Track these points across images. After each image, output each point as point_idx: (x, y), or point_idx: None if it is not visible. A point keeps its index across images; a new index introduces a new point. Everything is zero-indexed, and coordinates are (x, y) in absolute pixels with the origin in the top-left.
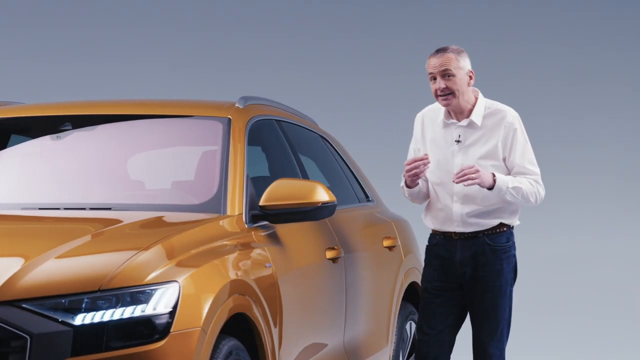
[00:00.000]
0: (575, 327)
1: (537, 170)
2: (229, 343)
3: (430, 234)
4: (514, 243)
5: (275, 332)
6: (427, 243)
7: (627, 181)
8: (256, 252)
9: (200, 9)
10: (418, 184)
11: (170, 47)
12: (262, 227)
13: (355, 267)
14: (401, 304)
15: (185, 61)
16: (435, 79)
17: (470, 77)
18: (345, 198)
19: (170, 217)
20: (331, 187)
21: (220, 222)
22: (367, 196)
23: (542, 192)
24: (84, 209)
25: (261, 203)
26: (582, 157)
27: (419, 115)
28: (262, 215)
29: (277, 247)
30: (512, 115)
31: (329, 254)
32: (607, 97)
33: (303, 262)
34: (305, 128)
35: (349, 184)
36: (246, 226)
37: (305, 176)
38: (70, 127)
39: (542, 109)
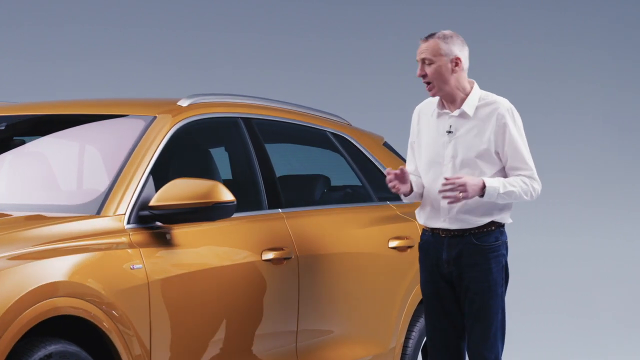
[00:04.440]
0: (547, 326)
1: (531, 164)
2: (51, 347)
3: (422, 231)
4: (504, 242)
5: (138, 336)
6: (419, 240)
7: (594, 180)
8: (121, 254)
9: (209, 9)
10: (410, 191)
11: (170, 46)
12: (151, 227)
13: (322, 268)
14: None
15: (195, 62)
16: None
17: (457, 64)
18: (347, 197)
19: (34, 216)
20: (324, 184)
21: (84, 222)
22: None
23: (538, 187)
24: None
25: (151, 203)
26: (552, 155)
27: (416, 109)
28: (152, 216)
29: (161, 249)
30: (504, 107)
31: (268, 255)
32: (576, 96)
33: (208, 265)
34: (303, 126)
35: (363, 182)
36: (125, 227)
37: (269, 176)
38: (4, 127)
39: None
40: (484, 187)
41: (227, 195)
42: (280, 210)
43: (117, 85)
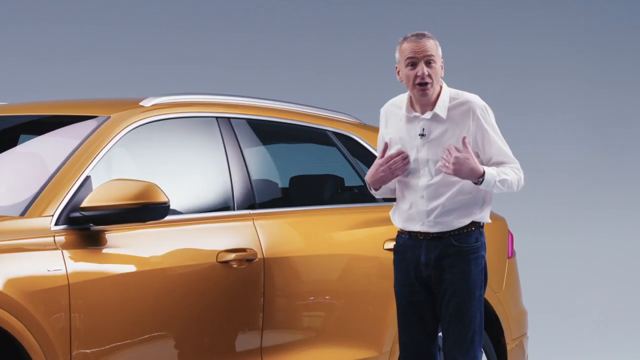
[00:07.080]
0: (547, 326)
1: (514, 157)
2: None
3: (397, 234)
4: (483, 243)
5: (53, 340)
6: (394, 243)
7: (594, 180)
8: (40, 255)
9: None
10: (381, 187)
11: (170, 46)
12: (84, 229)
13: (295, 271)
14: None
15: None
16: (414, 65)
17: (442, 67)
18: (354, 197)
19: None
20: (335, 185)
21: (3, 223)
22: None
23: (523, 178)
24: None
25: (83, 204)
26: (553, 155)
27: (382, 110)
28: (84, 218)
29: (91, 251)
30: (478, 105)
31: (226, 257)
32: (576, 96)
33: (143, 267)
34: (299, 125)
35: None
36: (51, 228)
37: (243, 177)
38: None
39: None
40: (482, 174)
41: (160, 197)
42: (250, 211)
43: (117, 86)
